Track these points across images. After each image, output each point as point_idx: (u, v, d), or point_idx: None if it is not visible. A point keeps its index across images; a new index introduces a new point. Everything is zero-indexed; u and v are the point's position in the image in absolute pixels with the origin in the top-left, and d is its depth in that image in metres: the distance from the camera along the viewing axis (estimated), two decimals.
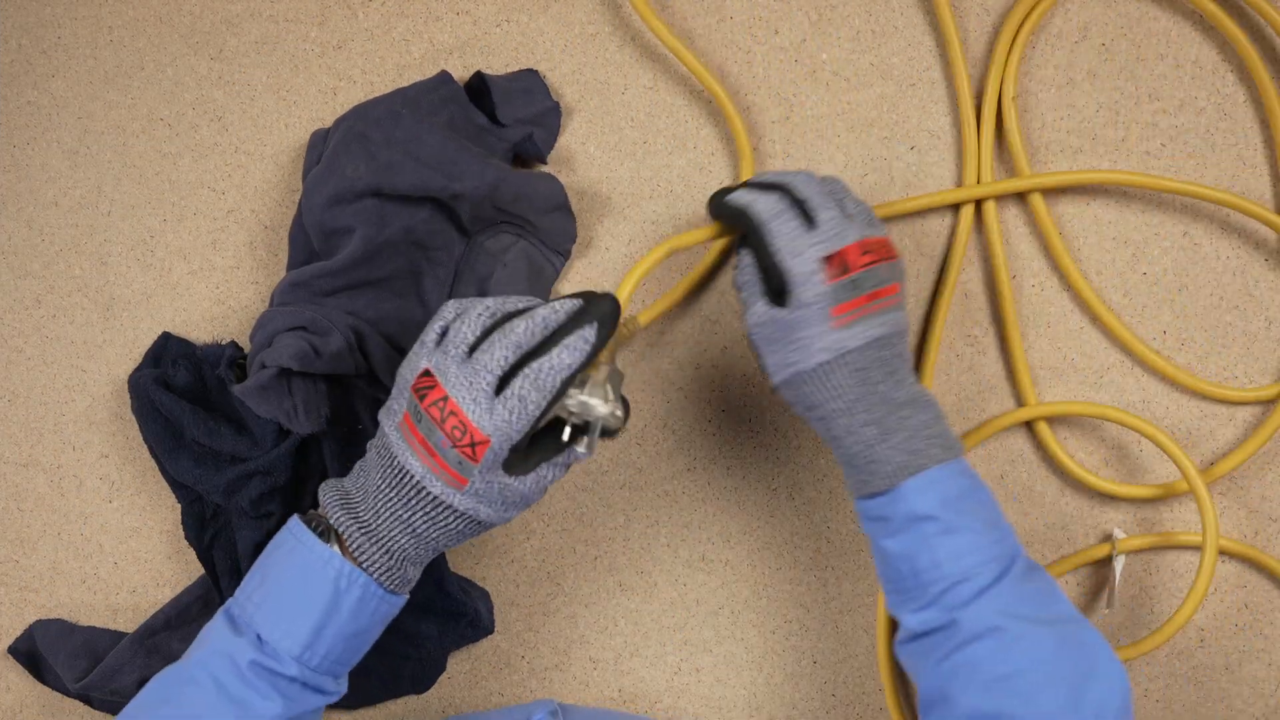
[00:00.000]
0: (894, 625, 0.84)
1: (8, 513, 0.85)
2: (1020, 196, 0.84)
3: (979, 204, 0.83)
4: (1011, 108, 0.83)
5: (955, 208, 0.84)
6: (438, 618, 0.81)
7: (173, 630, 0.82)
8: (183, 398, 0.79)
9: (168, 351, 0.82)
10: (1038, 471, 0.85)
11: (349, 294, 0.79)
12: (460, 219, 0.80)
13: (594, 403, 0.65)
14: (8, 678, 0.85)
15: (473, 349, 0.64)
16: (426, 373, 0.65)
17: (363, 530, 0.66)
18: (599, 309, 0.65)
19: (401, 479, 0.66)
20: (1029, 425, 0.85)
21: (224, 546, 0.80)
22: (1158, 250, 0.84)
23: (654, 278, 0.84)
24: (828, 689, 0.85)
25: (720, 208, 0.71)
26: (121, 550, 0.85)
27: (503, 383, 0.64)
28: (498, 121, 0.82)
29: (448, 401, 0.63)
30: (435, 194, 0.77)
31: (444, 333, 0.66)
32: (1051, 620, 0.65)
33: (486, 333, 0.65)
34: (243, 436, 0.78)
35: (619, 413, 0.66)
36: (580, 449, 0.67)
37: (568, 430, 0.67)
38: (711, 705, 0.85)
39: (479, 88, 0.83)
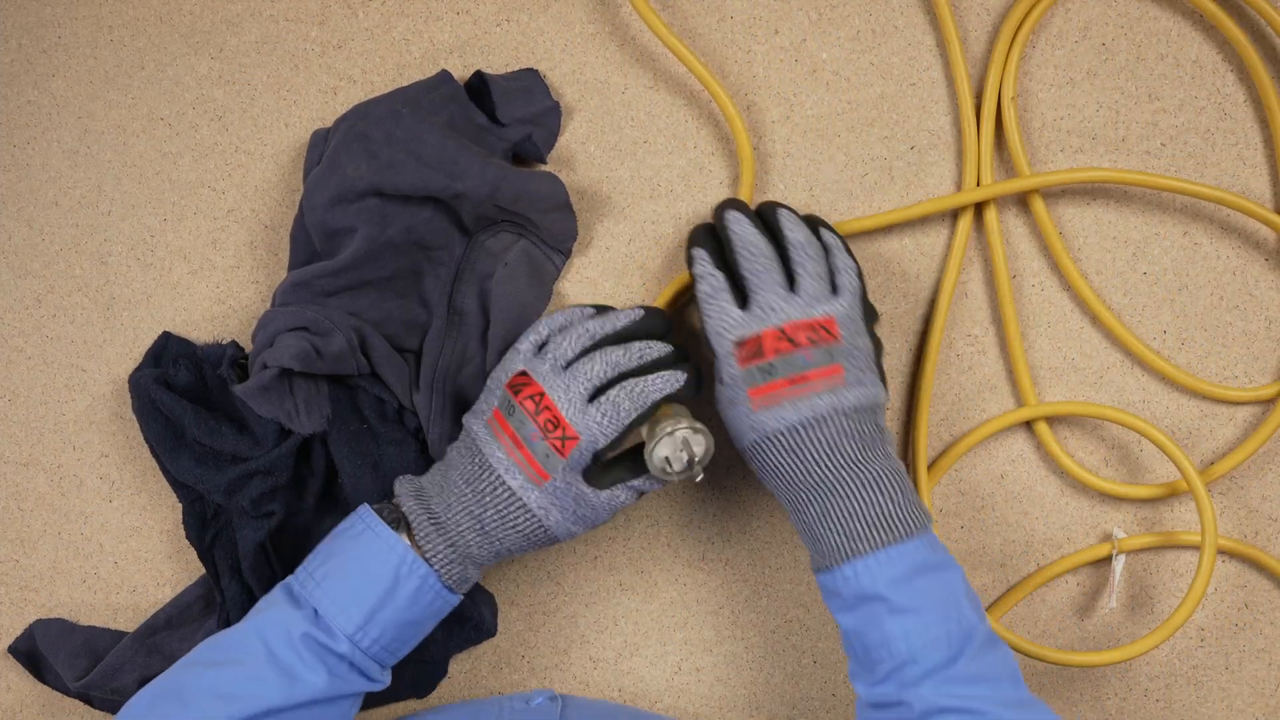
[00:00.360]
0: None
1: (8, 513, 0.85)
2: (1020, 197, 0.84)
3: (979, 206, 0.83)
4: (1011, 107, 0.83)
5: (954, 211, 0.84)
6: (443, 621, 0.80)
7: (173, 630, 0.82)
8: (183, 397, 0.79)
9: (168, 351, 0.82)
10: (1038, 471, 0.85)
11: (351, 294, 0.79)
12: (461, 218, 0.80)
13: (685, 438, 0.69)
14: (8, 678, 0.85)
15: (569, 364, 0.69)
16: (523, 373, 0.70)
17: (433, 521, 0.69)
18: (693, 364, 0.71)
19: (481, 472, 0.69)
20: (1029, 425, 0.85)
21: (225, 546, 0.80)
22: (1158, 250, 0.85)
23: (653, 277, 0.84)
24: (828, 689, 0.85)
25: (688, 261, 0.73)
26: (121, 550, 0.85)
27: (597, 394, 0.68)
28: (497, 121, 0.82)
29: (543, 397, 0.68)
30: (437, 194, 0.77)
31: (540, 345, 0.71)
32: (1006, 703, 0.65)
33: (584, 352, 0.70)
34: (244, 436, 0.78)
35: (701, 453, 0.70)
36: (655, 478, 0.71)
37: (654, 455, 0.70)
38: (712, 705, 0.85)
39: (479, 87, 0.83)
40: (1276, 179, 0.84)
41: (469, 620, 0.81)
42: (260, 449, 0.77)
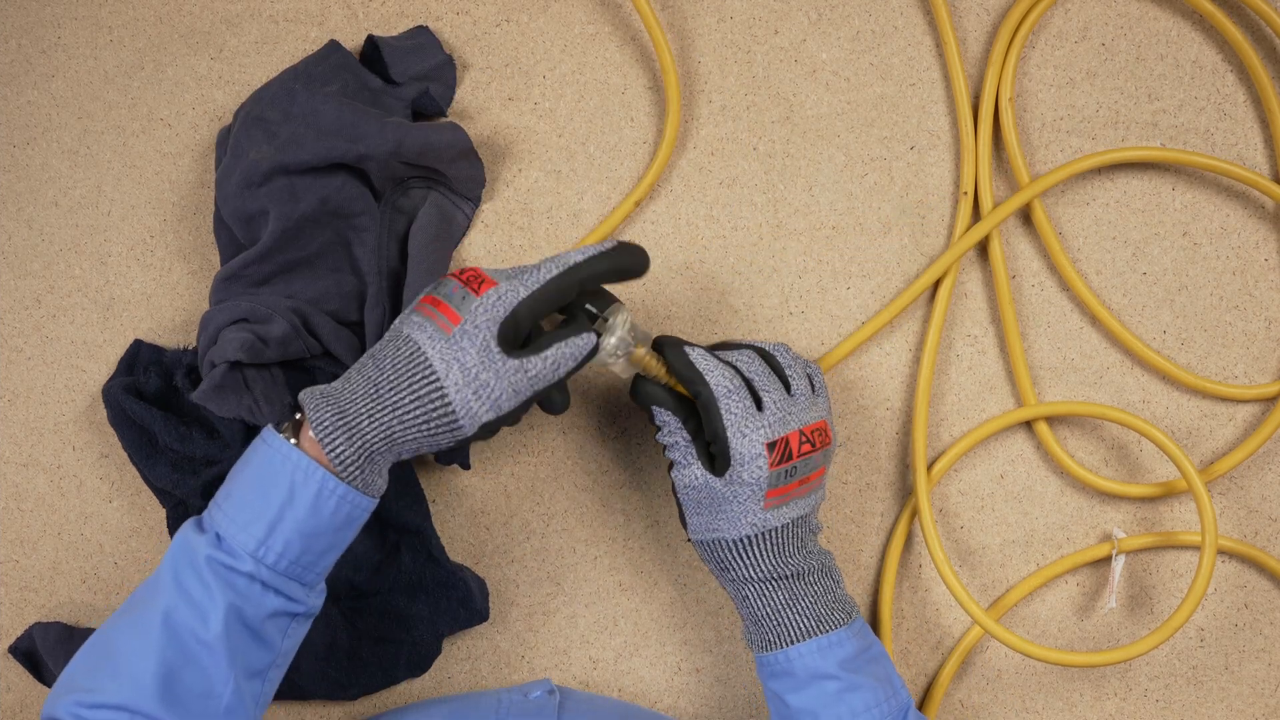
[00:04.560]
0: (891, 625, 0.85)
1: (8, 513, 0.85)
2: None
3: (977, 202, 0.83)
4: (1008, 109, 0.83)
5: (954, 207, 0.84)
6: (428, 596, 0.80)
7: None
8: (155, 404, 0.79)
9: (140, 359, 0.83)
10: (1038, 471, 0.85)
11: (284, 278, 0.79)
12: (373, 182, 0.80)
13: (633, 325, 0.72)
14: (8, 678, 0.85)
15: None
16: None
17: (324, 394, 0.68)
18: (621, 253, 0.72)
19: (389, 340, 0.69)
20: (1029, 425, 0.85)
21: None
22: (1157, 250, 0.85)
23: (658, 282, 0.84)
24: None
25: (679, 360, 0.72)
26: (121, 550, 0.85)
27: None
28: (393, 81, 0.83)
29: (471, 269, 0.70)
30: (341, 159, 0.77)
31: None
32: None
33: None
34: (214, 439, 0.78)
35: (633, 354, 0.72)
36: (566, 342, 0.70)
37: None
38: (712, 705, 0.85)
39: (372, 55, 0.83)
40: (1277, 179, 0.84)
41: (454, 591, 0.80)
42: (231, 449, 0.78)
